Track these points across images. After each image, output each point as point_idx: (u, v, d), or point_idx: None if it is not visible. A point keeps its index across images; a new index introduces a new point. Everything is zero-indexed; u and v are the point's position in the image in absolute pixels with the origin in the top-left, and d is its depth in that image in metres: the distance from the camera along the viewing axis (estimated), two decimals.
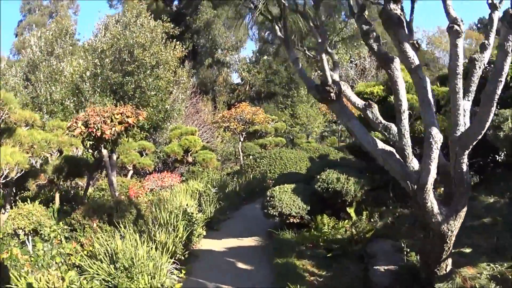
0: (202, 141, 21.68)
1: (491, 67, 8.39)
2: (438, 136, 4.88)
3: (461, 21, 5.01)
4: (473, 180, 8.46)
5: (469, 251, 6.73)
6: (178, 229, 8.33)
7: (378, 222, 8.68)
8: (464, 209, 5.51)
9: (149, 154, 18.50)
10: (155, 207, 9.69)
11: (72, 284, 6.23)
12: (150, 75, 21.65)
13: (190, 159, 19.47)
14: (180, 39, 27.51)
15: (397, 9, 5.07)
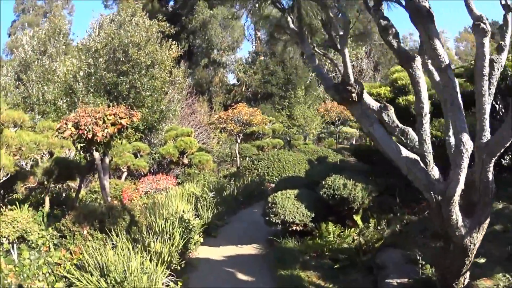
0: (198, 143, 21.28)
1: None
2: (469, 144, 4.42)
3: (486, 19, 4.60)
4: None
5: (484, 261, 6.36)
6: (174, 237, 7.83)
7: (385, 230, 8.20)
8: (487, 220, 5.12)
9: (143, 155, 18.03)
10: (149, 213, 9.19)
11: None
12: (145, 75, 21.14)
13: (186, 161, 19.05)
14: (176, 39, 27.01)
15: (426, 1, 4.59)
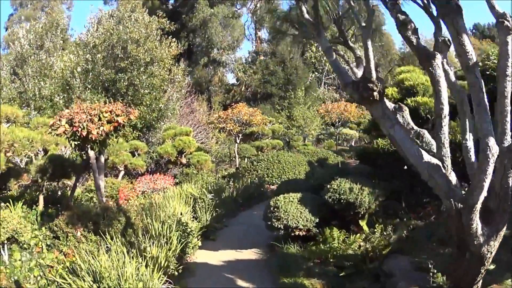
0: (197, 142, 20.95)
1: None
2: (495, 148, 4.10)
3: (510, 16, 4.28)
4: None
5: (493, 267, 6.09)
6: (171, 242, 7.48)
7: (391, 235, 7.84)
8: (504, 228, 4.82)
9: (141, 154, 17.73)
10: (146, 215, 8.84)
11: None
12: (144, 72, 20.80)
13: (184, 160, 18.72)
14: (176, 37, 26.64)
15: None
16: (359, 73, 5.52)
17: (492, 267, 6.10)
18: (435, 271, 5.92)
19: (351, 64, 6.05)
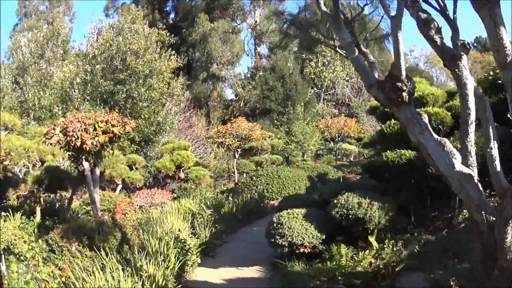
0: (195, 157, 20.64)
1: None
2: None
3: None
4: None
5: None
6: (169, 259, 7.09)
7: (402, 251, 7.48)
8: None
9: (139, 168, 17.36)
10: (143, 231, 8.45)
11: None
12: (142, 84, 20.54)
13: (182, 175, 18.40)
14: (176, 52, 26.48)
15: None
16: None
17: None
18: None
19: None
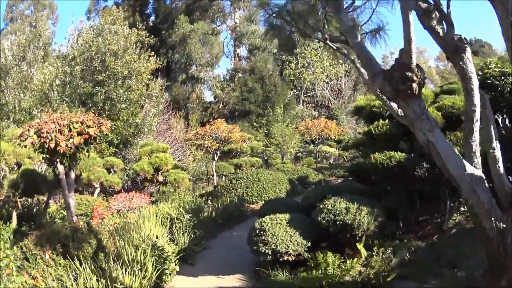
0: (174, 159, 20.37)
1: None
2: None
3: None
4: None
5: None
6: (146, 269, 6.94)
7: (392, 258, 7.31)
8: None
9: (117, 171, 17.07)
10: (119, 238, 8.26)
11: None
12: (121, 86, 20.27)
13: (160, 178, 18.15)
14: (156, 54, 26.22)
15: None
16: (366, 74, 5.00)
17: None
18: None
19: (357, 63, 5.45)
